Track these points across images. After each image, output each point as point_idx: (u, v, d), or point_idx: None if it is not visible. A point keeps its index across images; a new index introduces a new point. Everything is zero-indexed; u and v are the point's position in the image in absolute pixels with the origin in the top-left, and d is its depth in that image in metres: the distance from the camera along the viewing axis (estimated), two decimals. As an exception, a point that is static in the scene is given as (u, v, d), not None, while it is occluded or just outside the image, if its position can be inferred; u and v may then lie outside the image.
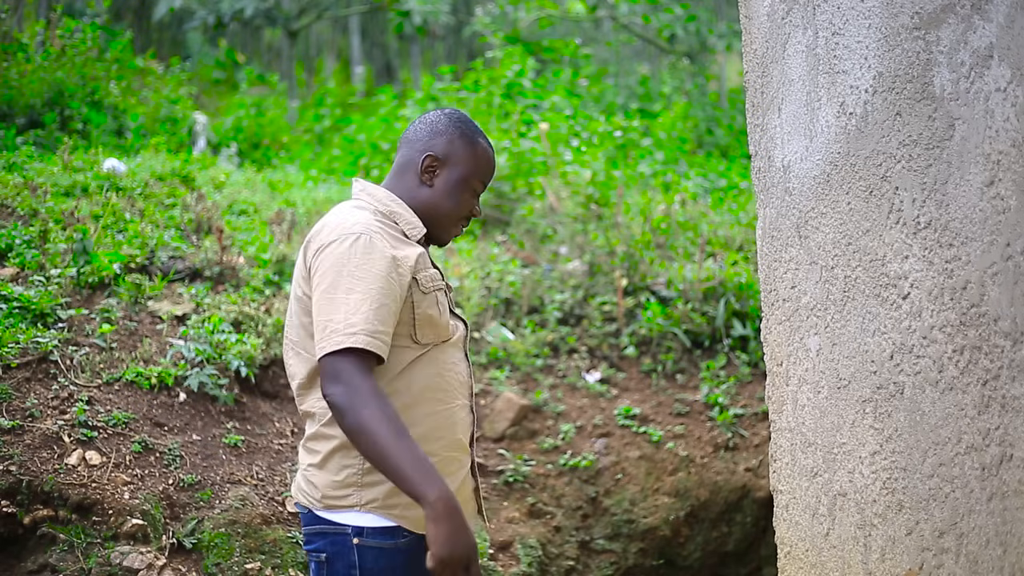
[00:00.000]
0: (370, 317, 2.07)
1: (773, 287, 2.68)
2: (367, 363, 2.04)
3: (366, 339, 2.04)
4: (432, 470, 1.99)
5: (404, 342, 2.21)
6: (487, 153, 2.38)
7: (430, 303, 2.23)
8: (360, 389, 2.01)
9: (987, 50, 1.89)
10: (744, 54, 2.80)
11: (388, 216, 2.29)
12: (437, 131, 2.36)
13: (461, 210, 2.35)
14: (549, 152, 7.15)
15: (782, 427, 2.65)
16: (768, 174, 2.66)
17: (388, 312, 2.10)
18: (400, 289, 2.15)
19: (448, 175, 2.33)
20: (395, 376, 2.21)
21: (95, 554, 3.22)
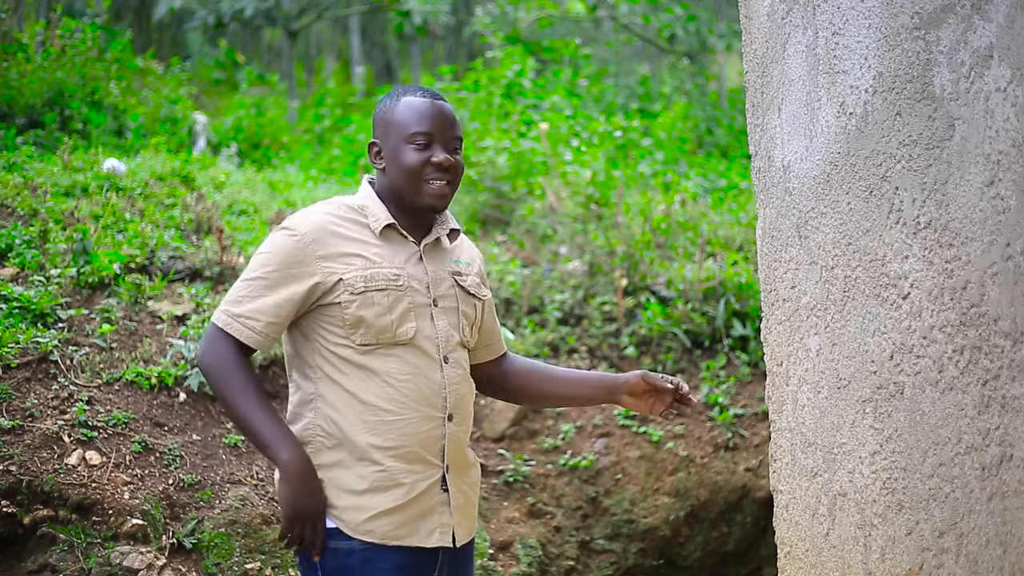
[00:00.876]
0: (241, 300, 2.21)
1: (773, 287, 2.68)
2: (227, 338, 2.20)
3: (226, 320, 2.21)
4: (286, 436, 2.16)
5: (343, 342, 2.21)
6: (412, 103, 2.30)
7: (363, 304, 2.20)
8: (217, 357, 2.20)
9: (987, 50, 1.89)
10: (744, 54, 2.80)
11: (359, 209, 2.31)
12: (373, 118, 2.38)
13: (413, 168, 2.27)
14: (549, 152, 7.15)
15: (782, 427, 2.65)
16: (768, 174, 2.66)
17: (270, 303, 2.20)
18: (296, 286, 2.20)
19: (388, 149, 2.30)
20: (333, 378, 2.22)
21: (95, 554, 3.22)
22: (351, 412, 2.20)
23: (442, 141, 2.30)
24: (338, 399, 2.22)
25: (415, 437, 2.22)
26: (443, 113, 2.32)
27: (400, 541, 2.21)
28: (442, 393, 2.26)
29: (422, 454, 2.23)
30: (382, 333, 2.21)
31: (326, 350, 2.23)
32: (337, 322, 2.22)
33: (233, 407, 2.19)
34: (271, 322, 2.21)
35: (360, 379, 2.21)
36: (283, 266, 2.21)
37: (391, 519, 2.20)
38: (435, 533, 2.25)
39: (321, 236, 2.23)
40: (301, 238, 2.22)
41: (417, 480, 2.23)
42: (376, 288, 2.21)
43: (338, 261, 2.22)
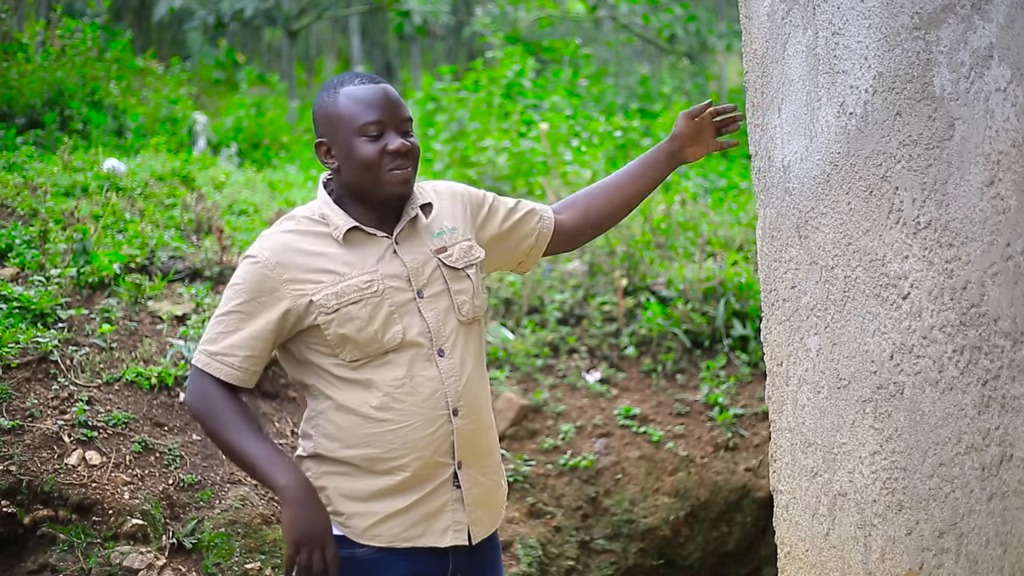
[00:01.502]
0: (216, 338, 2.17)
1: (773, 287, 2.68)
2: (207, 379, 2.16)
3: (205, 360, 2.17)
4: (281, 460, 2.11)
5: (333, 360, 2.16)
6: (354, 93, 2.17)
7: (340, 321, 2.13)
8: (200, 397, 2.16)
9: (987, 50, 1.89)
10: (744, 54, 2.80)
11: (319, 219, 2.22)
12: (313, 115, 2.26)
13: (370, 161, 2.15)
14: (549, 152, 7.15)
15: (782, 427, 2.65)
16: (768, 174, 2.66)
17: (246, 336, 2.14)
18: (269, 315, 2.13)
19: (338, 147, 2.18)
20: (329, 394, 2.17)
21: (95, 554, 3.22)
22: (349, 427, 2.16)
23: (394, 126, 2.18)
24: (336, 415, 2.17)
25: (422, 442, 2.16)
26: (388, 96, 2.18)
27: (411, 543, 2.16)
28: (441, 389, 2.18)
29: (431, 457, 2.17)
30: (368, 345, 2.14)
31: (320, 369, 2.18)
32: (322, 342, 2.16)
33: (226, 444, 2.14)
34: (249, 355, 2.15)
35: (354, 393, 2.15)
36: (252, 295, 2.15)
37: (399, 521, 2.16)
38: (449, 532, 2.19)
39: (284, 258, 2.16)
40: (264, 264, 2.15)
41: (424, 482, 2.17)
42: (351, 302, 2.13)
43: (306, 282, 2.15)
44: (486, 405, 2.28)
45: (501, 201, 2.39)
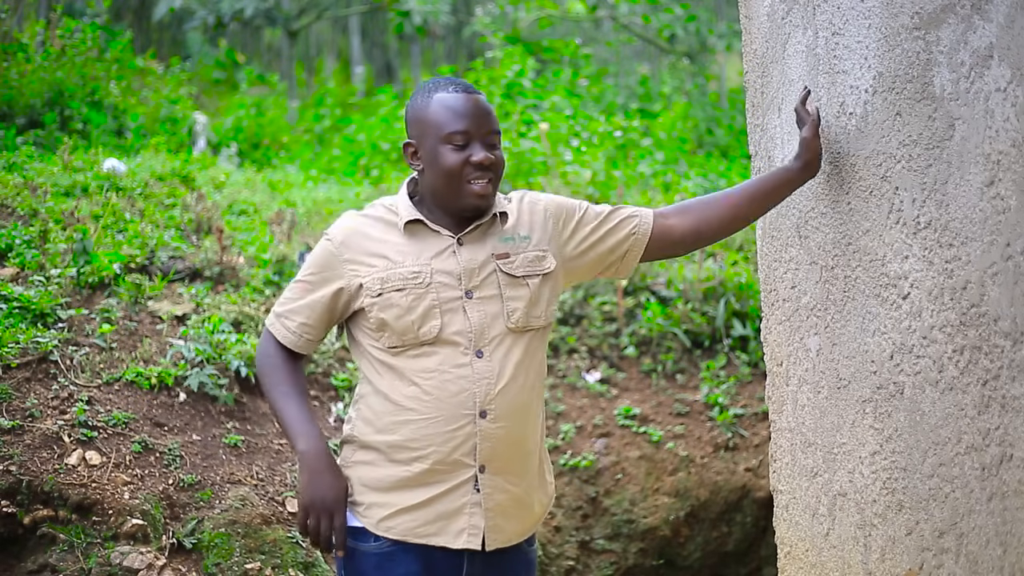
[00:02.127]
0: (284, 301, 2.33)
1: (773, 287, 2.68)
2: (270, 337, 2.32)
3: (271, 319, 2.33)
4: (307, 427, 2.22)
5: (377, 344, 2.23)
6: (445, 100, 2.20)
7: (382, 306, 2.18)
8: (262, 353, 2.33)
9: (987, 50, 1.89)
10: (744, 54, 2.80)
11: (391, 208, 2.30)
12: (406, 115, 2.30)
13: (452, 170, 2.17)
14: (549, 152, 7.15)
15: (782, 427, 2.65)
16: (768, 174, 2.65)
17: (304, 304, 2.28)
18: (325, 289, 2.26)
19: (425, 150, 2.21)
20: (371, 379, 2.25)
21: (95, 554, 3.22)
22: (382, 412, 2.21)
23: (480, 137, 2.19)
24: (373, 400, 2.23)
25: (440, 437, 2.16)
26: (479, 107, 2.21)
27: (424, 540, 2.18)
28: (471, 389, 2.17)
29: (449, 454, 2.17)
30: (405, 334, 2.18)
31: (367, 353, 2.25)
32: (369, 325, 2.23)
33: (269, 400, 2.30)
34: (303, 323, 2.28)
35: (390, 379, 2.21)
36: (317, 269, 2.28)
37: (415, 515, 2.18)
38: (463, 535, 2.18)
39: (349, 239, 2.26)
40: (331, 242, 2.28)
41: (442, 479, 2.18)
42: (394, 288, 2.18)
43: (362, 263, 2.23)
44: (529, 418, 2.25)
45: (593, 210, 2.37)
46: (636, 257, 2.36)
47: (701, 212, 2.38)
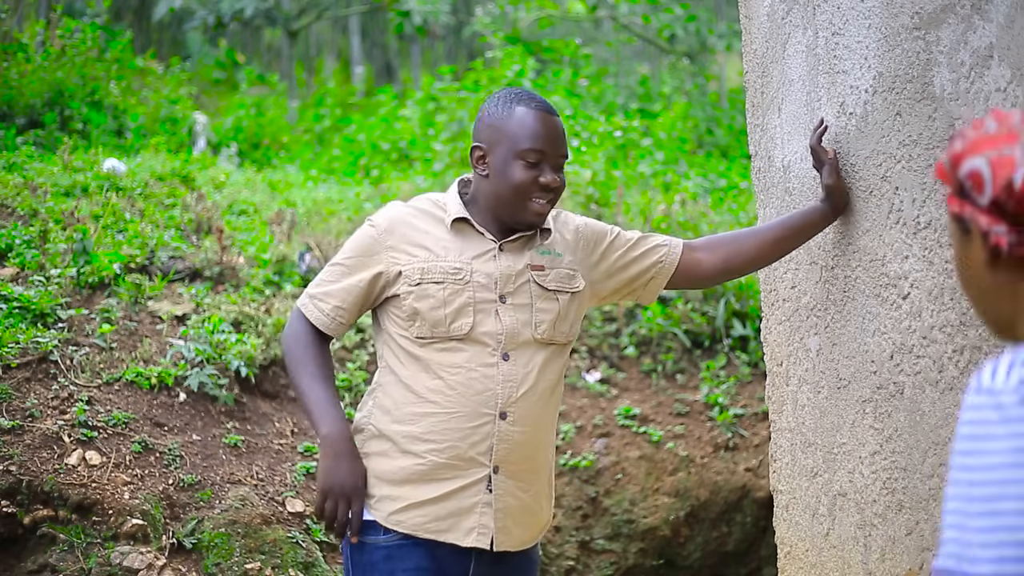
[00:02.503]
0: (320, 283, 2.31)
1: (773, 287, 2.68)
2: (302, 318, 2.31)
3: (304, 300, 2.32)
4: (332, 410, 2.22)
5: (404, 333, 2.24)
6: (528, 117, 2.23)
7: (418, 296, 2.20)
8: (292, 334, 2.31)
9: (987, 50, 1.89)
10: (744, 54, 2.80)
11: (440, 204, 2.32)
12: (480, 118, 2.31)
13: (520, 186, 2.20)
14: (549, 152, 7.13)
15: (782, 427, 2.65)
16: (768, 174, 2.66)
17: (340, 288, 2.28)
18: (363, 273, 2.26)
19: (495, 159, 2.24)
20: (393, 368, 2.25)
21: (95, 554, 3.22)
22: (402, 402, 2.22)
23: (552, 160, 2.23)
24: (394, 389, 2.24)
25: (459, 432, 2.18)
26: (557, 130, 2.25)
27: (433, 535, 2.19)
28: (495, 390, 2.19)
29: (466, 451, 2.19)
30: (436, 326, 2.20)
31: (392, 340, 2.26)
32: (400, 313, 2.24)
33: (295, 383, 2.29)
34: (338, 306, 2.27)
35: (414, 370, 2.22)
36: (357, 254, 2.29)
37: (426, 511, 2.19)
38: (473, 533, 2.19)
39: (394, 227, 2.28)
40: (376, 228, 2.29)
41: (456, 476, 2.19)
42: (432, 280, 2.21)
43: (404, 252, 2.25)
44: (544, 427, 2.28)
45: (624, 236, 2.42)
46: (660, 285, 2.42)
47: (730, 248, 2.42)
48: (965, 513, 1.09)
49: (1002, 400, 1.09)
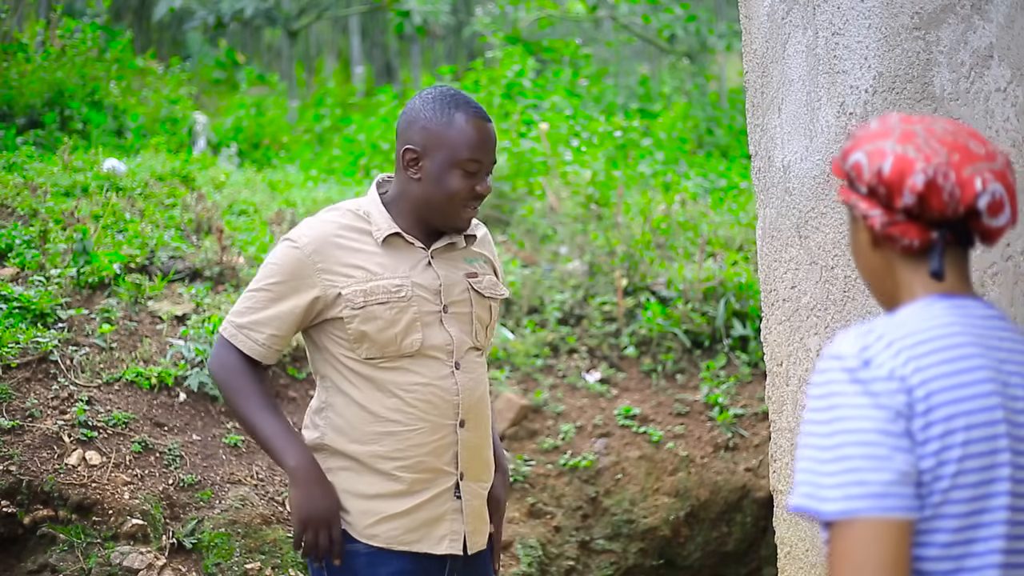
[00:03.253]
0: (245, 312, 2.21)
1: (773, 287, 2.68)
2: (232, 350, 2.22)
3: (231, 331, 2.23)
4: (292, 440, 2.16)
5: (350, 355, 2.19)
6: (469, 126, 2.18)
7: (364, 318, 2.15)
8: (224, 365, 2.22)
9: (987, 50, 1.89)
10: (744, 54, 2.80)
11: (364, 216, 2.25)
12: (411, 119, 2.23)
13: (457, 194, 2.19)
14: (549, 152, 7.15)
15: (782, 427, 2.65)
16: (768, 174, 2.66)
17: (271, 315, 2.19)
18: (297, 299, 2.17)
19: (431, 164, 2.19)
20: (342, 388, 2.20)
21: (95, 554, 3.22)
22: (360, 423, 2.19)
23: (486, 168, 2.23)
24: (347, 410, 2.20)
25: (424, 447, 2.19)
26: (493, 138, 2.23)
27: (408, 547, 2.19)
28: (453, 400, 2.22)
29: (433, 463, 2.20)
30: (386, 347, 2.17)
31: (336, 361, 2.21)
32: (343, 336, 2.19)
33: (242, 416, 2.21)
34: (273, 334, 2.20)
35: (368, 391, 2.19)
36: (285, 278, 2.19)
37: (398, 523, 2.19)
38: (445, 540, 2.22)
39: (322, 247, 2.19)
40: (302, 250, 2.19)
41: (427, 488, 2.21)
42: (377, 302, 2.17)
43: (338, 274, 2.18)
44: (489, 428, 2.34)
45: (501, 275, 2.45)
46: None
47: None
48: (817, 460, 1.27)
49: (848, 364, 1.30)
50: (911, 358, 1.29)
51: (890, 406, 1.26)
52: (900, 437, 1.25)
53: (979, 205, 1.35)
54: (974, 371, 1.30)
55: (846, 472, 1.24)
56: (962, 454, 1.26)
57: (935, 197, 1.34)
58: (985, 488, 1.27)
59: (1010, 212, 1.38)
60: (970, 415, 1.28)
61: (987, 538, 1.27)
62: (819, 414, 1.30)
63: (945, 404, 1.27)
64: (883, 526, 1.22)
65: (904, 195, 1.35)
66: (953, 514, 1.26)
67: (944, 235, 1.36)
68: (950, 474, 1.26)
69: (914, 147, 1.36)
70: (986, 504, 1.27)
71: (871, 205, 1.39)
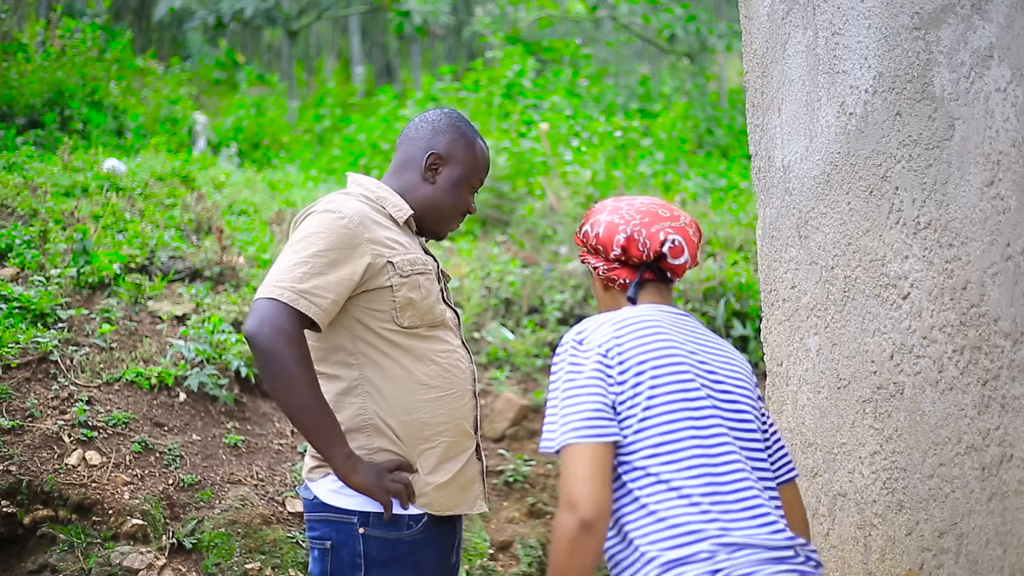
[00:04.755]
0: (305, 277, 2.13)
1: (773, 287, 2.68)
2: (293, 316, 2.10)
3: (292, 295, 2.10)
4: (336, 430, 2.14)
5: (388, 325, 2.24)
6: (484, 153, 2.48)
7: (411, 286, 2.25)
8: (287, 335, 2.08)
9: (987, 50, 1.89)
10: (744, 54, 2.80)
11: (376, 201, 2.35)
12: (439, 130, 2.42)
13: (460, 206, 2.42)
14: (549, 152, 7.16)
15: (782, 427, 2.65)
16: (768, 174, 2.66)
17: (333, 281, 2.15)
18: (354, 265, 2.18)
19: (449, 173, 2.40)
20: (377, 362, 2.24)
21: (95, 554, 3.22)
22: (403, 393, 2.23)
23: (477, 190, 2.51)
24: (388, 382, 2.23)
25: (459, 411, 2.29)
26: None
27: (452, 510, 2.28)
28: (471, 368, 2.36)
29: (465, 427, 2.31)
30: (426, 314, 2.27)
31: (371, 333, 2.23)
32: (383, 305, 2.22)
33: (293, 389, 2.10)
34: (335, 300, 2.16)
35: (407, 360, 2.25)
36: (339, 246, 2.18)
37: (447, 491, 2.27)
38: (479, 500, 2.35)
39: (365, 220, 2.25)
40: (349, 220, 2.22)
41: (463, 452, 2.31)
42: (419, 272, 2.28)
43: (384, 244, 2.25)
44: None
45: None
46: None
47: None
48: (550, 416, 1.83)
49: (567, 344, 1.87)
50: (611, 332, 1.85)
51: (591, 365, 1.82)
52: (599, 383, 1.80)
53: (664, 250, 1.96)
54: (659, 335, 1.86)
55: (551, 421, 1.83)
56: (651, 386, 1.81)
57: (632, 247, 1.97)
58: (677, 413, 1.80)
59: (689, 256, 1.98)
60: (657, 361, 1.83)
61: (684, 442, 1.79)
62: (554, 382, 1.85)
63: (635, 355, 1.82)
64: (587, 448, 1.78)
65: (613, 247, 1.98)
66: (653, 424, 1.79)
67: (643, 272, 1.99)
68: (644, 399, 1.80)
69: (617, 216, 2.00)
70: (679, 424, 1.80)
71: (596, 259, 2.03)
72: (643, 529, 1.75)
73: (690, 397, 1.83)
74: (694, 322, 1.98)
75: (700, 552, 1.71)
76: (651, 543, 1.74)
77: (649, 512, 1.76)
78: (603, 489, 1.75)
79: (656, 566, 1.72)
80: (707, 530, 1.73)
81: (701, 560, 1.70)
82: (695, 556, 1.70)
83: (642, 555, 1.74)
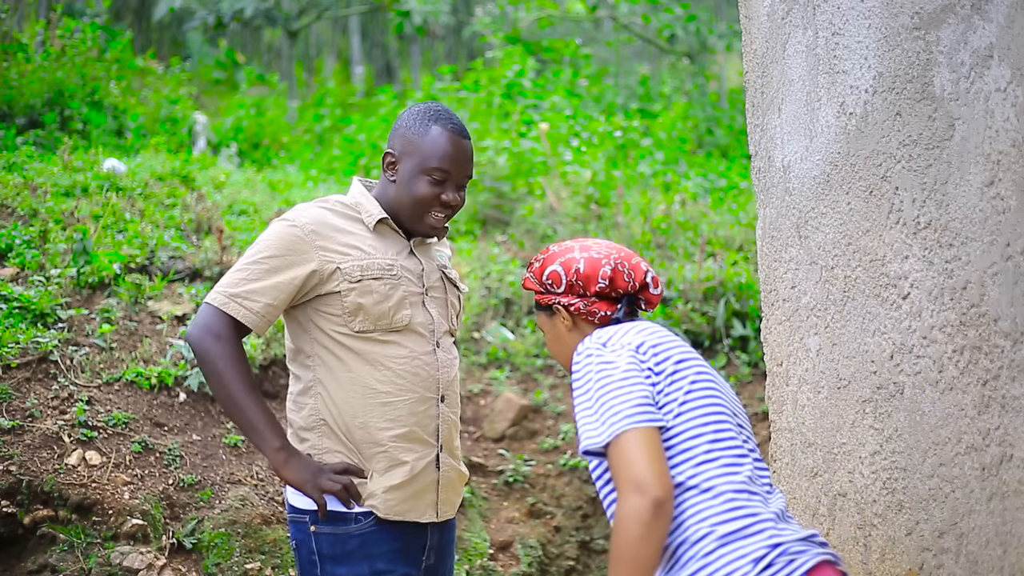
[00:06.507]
0: (240, 282, 2.24)
1: (773, 287, 2.68)
2: (223, 318, 2.22)
3: (223, 299, 2.23)
4: (274, 419, 2.22)
5: (341, 329, 2.28)
6: (441, 138, 2.34)
7: (361, 292, 2.26)
8: (210, 335, 2.21)
9: (987, 50, 1.89)
10: (744, 54, 2.80)
11: (353, 207, 2.38)
12: (396, 128, 2.42)
13: (422, 199, 2.33)
14: (549, 152, 7.16)
15: (782, 427, 2.65)
16: (768, 174, 2.66)
17: (268, 285, 2.24)
18: (295, 271, 2.25)
19: (404, 168, 2.35)
20: (329, 365, 2.29)
21: (95, 554, 3.22)
22: (352, 396, 2.27)
23: (456, 180, 2.37)
24: (338, 384, 2.28)
25: (413, 417, 2.29)
26: (465, 153, 2.37)
27: (401, 516, 2.29)
28: (435, 376, 2.34)
29: (420, 434, 2.31)
30: (379, 320, 2.28)
31: (325, 337, 2.28)
32: (335, 310, 2.28)
33: (225, 389, 2.21)
34: (269, 304, 2.24)
35: (358, 364, 2.28)
36: (282, 252, 2.26)
37: (395, 495, 2.28)
38: (430, 510, 2.33)
39: (319, 228, 2.30)
40: (300, 228, 2.29)
41: (417, 459, 2.30)
42: (372, 277, 2.29)
43: (335, 251, 2.29)
44: (459, 404, 2.48)
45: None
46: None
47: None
48: (588, 416, 1.84)
49: (589, 350, 1.92)
50: (633, 334, 1.92)
51: (625, 360, 1.86)
52: (637, 375, 1.85)
53: (647, 280, 2.04)
54: (673, 338, 1.95)
55: (589, 422, 1.84)
56: (697, 371, 1.89)
57: (619, 278, 2.02)
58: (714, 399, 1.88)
59: (660, 288, 2.07)
60: (687, 354, 1.91)
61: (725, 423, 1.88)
62: (581, 385, 1.88)
63: (667, 349, 1.90)
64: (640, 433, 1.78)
65: (598, 281, 2.01)
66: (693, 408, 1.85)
67: (624, 304, 2.03)
68: (687, 383, 1.86)
69: (595, 251, 2.05)
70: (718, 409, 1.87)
71: (571, 297, 2.05)
72: (696, 507, 1.77)
73: (720, 389, 1.91)
74: (658, 325, 2.09)
75: (756, 524, 1.74)
76: (703, 520, 1.75)
77: (703, 490, 1.78)
78: (667, 470, 1.76)
79: (712, 540, 1.73)
80: (757, 507, 1.77)
81: (758, 532, 1.74)
82: (751, 528, 1.74)
83: (695, 531, 1.75)
